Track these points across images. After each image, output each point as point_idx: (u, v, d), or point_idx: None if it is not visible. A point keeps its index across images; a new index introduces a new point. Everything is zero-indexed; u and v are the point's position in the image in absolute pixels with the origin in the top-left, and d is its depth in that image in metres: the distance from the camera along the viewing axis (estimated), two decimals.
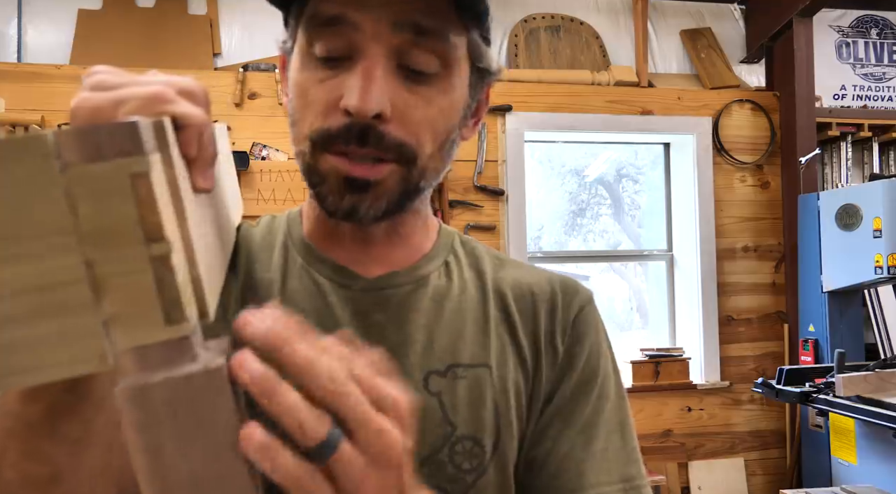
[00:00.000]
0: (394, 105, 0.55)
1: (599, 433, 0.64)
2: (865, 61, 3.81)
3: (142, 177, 0.30)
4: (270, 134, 3.02)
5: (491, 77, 0.64)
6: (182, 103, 0.39)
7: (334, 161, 0.56)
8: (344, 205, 0.57)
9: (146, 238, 0.30)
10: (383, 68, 0.54)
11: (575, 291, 0.69)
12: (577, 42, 3.43)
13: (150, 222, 0.30)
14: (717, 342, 3.41)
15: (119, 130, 0.30)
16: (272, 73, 3.04)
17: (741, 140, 3.49)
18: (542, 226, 3.77)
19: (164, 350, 0.32)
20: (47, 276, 0.29)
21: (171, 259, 0.30)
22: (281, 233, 0.68)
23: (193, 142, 0.39)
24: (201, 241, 0.37)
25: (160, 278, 0.30)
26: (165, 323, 0.31)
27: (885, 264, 2.78)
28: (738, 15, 3.67)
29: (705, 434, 3.38)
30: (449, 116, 0.59)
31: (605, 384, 0.66)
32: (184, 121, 0.38)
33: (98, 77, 0.41)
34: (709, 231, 3.42)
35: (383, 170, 0.56)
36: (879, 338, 3.24)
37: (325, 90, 0.56)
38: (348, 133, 0.54)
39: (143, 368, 0.32)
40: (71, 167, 0.29)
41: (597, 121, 3.35)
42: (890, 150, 3.67)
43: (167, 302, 0.31)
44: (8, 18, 2.97)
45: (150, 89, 0.39)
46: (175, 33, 3.04)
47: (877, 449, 2.60)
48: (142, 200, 0.30)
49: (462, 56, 0.59)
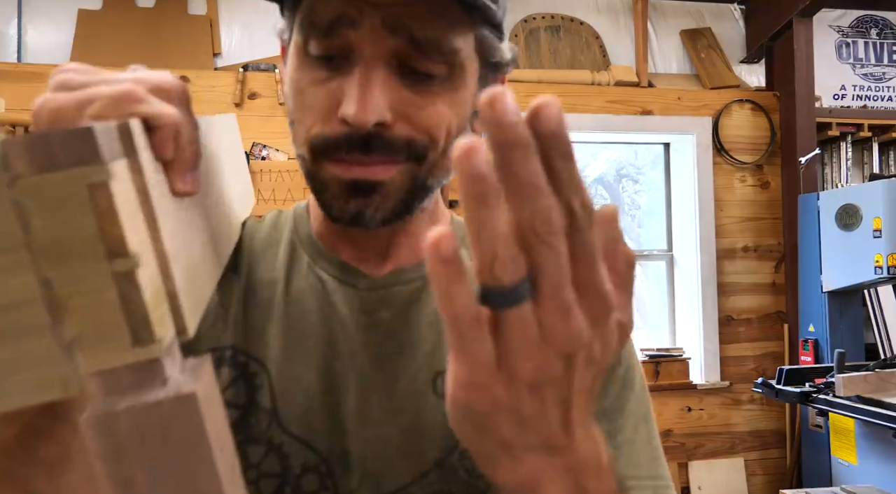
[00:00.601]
0: (396, 108, 0.52)
1: (625, 423, 0.60)
2: (865, 61, 3.81)
3: (101, 187, 0.27)
4: (270, 134, 3.02)
5: (505, 68, 0.61)
6: (154, 102, 0.36)
7: (336, 168, 0.53)
8: (349, 210, 0.54)
9: (108, 253, 0.28)
10: (382, 72, 0.51)
11: None
12: (577, 42, 3.43)
13: (112, 236, 0.27)
14: (717, 342, 3.41)
15: (73, 137, 0.27)
16: (272, 73, 3.04)
17: (741, 140, 3.49)
18: None
19: (133, 373, 0.29)
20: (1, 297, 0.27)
21: (137, 275, 0.28)
22: (287, 230, 0.66)
23: (168, 144, 0.36)
24: (183, 251, 0.35)
25: (125, 296, 0.28)
26: (133, 344, 0.28)
27: (885, 264, 2.78)
28: (738, 15, 3.67)
29: (705, 434, 3.38)
30: (458, 114, 0.56)
31: (630, 374, 0.63)
32: (156, 121, 0.35)
33: (63, 76, 0.38)
34: (709, 231, 3.42)
35: (391, 169, 0.53)
36: (879, 338, 3.24)
37: (323, 94, 0.53)
38: (349, 141, 0.52)
39: (111, 393, 0.30)
40: (21, 178, 0.27)
41: (597, 121, 3.35)
42: (890, 150, 3.67)
43: (134, 322, 0.28)
44: (8, 18, 2.97)
45: (117, 88, 0.35)
46: (175, 33, 3.04)
47: (877, 449, 2.60)
48: (101, 212, 0.27)
49: (469, 55, 0.55)
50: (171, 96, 0.38)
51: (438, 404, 0.58)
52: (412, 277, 0.62)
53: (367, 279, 0.62)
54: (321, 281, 0.62)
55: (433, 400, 0.58)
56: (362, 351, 0.59)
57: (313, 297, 0.61)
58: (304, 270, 0.62)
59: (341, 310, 0.60)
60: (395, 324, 0.60)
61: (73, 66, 0.38)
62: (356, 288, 0.61)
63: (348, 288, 0.61)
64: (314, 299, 0.61)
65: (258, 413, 0.57)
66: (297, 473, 0.56)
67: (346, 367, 0.58)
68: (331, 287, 0.61)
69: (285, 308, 0.60)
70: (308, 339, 0.59)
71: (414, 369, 0.59)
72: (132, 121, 0.32)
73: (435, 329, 0.61)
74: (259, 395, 0.57)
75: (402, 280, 0.62)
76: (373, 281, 0.61)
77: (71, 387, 0.28)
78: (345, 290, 0.61)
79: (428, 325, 0.61)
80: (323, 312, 0.60)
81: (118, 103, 0.35)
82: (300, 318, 0.60)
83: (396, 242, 0.62)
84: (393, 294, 0.61)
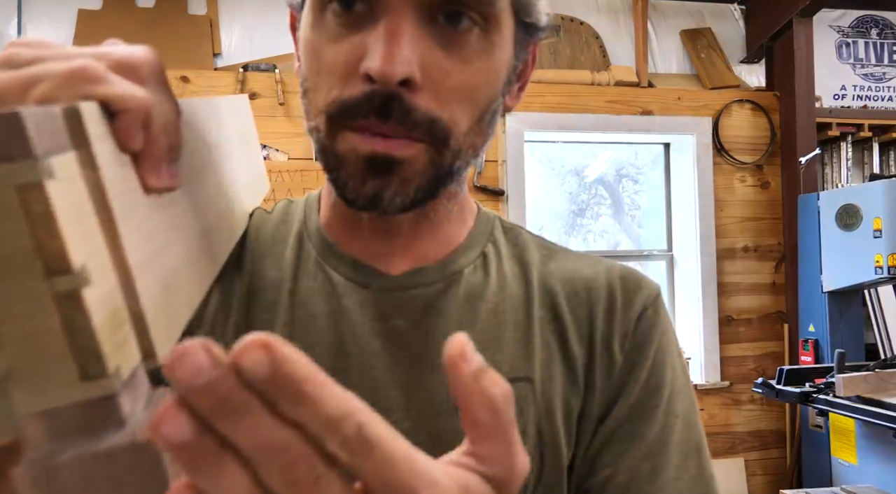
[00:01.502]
0: (424, 69, 0.45)
1: (670, 460, 0.53)
2: (865, 61, 3.81)
3: (33, 188, 0.22)
4: (270, 134, 3.02)
5: (540, 33, 0.54)
6: (116, 81, 0.30)
7: (354, 139, 0.47)
8: (366, 191, 0.47)
9: (46, 270, 0.22)
10: (412, 24, 0.45)
11: (637, 286, 0.58)
12: (577, 42, 3.43)
13: (51, 248, 0.22)
14: (717, 342, 3.41)
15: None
16: (272, 73, 3.04)
17: (741, 140, 3.49)
18: (542, 226, 3.76)
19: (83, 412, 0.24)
20: None
21: (84, 295, 0.23)
22: (297, 222, 0.59)
23: (134, 132, 0.30)
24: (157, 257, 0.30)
25: (69, 322, 0.23)
26: (81, 379, 0.23)
27: (885, 264, 2.78)
28: (738, 15, 3.67)
29: (705, 434, 3.38)
30: (491, 82, 0.50)
31: (674, 399, 0.56)
32: (118, 105, 0.29)
33: (11, 50, 0.31)
34: (709, 231, 3.42)
35: (411, 147, 0.47)
36: (879, 338, 3.24)
37: (343, 51, 0.46)
38: (369, 103, 0.45)
39: (55, 437, 0.24)
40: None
41: (597, 121, 3.35)
42: (890, 150, 3.67)
43: (81, 353, 0.23)
44: (8, 18, 2.97)
45: (70, 65, 0.29)
46: (175, 33, 3.04)
47: (877, 449, 2.60)
48: (36, 219, 0.22)
49: (505, 8, 0.49)
50: (141, 74, 0.32)
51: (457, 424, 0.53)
52: (433, 279, 0.56)
53: (382, 278, 0.55)
54: (331, 282, 0.56)
55: (453, 421, 0.51)
56: (375, 363, 0.53)
57: (322, 300, 0.55)
58: (312, 268, 0.56)
59: (352, 316, 0.54)
60: (411, 334, 0.54)
61: (23, 40, 0.32)
62: (369, 290, 0.55)
63: (360, 290, 0.55)
64: (322, 302, 0.55)
65: None
66: None
67: (356, 381, 0.52)
68: (341, 288, 0.55)
69: (291, 311, 0.55)
70: (314, 347, 0.53)
71: (432, 386, 0.52)
72: (83, 105, 0.26)
73: None
74: None
75: (421, 281, 0.55)
76: (388, 280, 0.55)
77: (5, 432, 0.23)
78: (357, 292, 0.55)
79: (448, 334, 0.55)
80: (332, 317, 0.54)
81: (71, 83, 0.29)
82: (306, 324, 0.54)
83: (419, 233, 0.56)
84: (410, 298, 0.55)
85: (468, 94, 0.48)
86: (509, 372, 0.53)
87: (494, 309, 0.56)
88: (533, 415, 0.53)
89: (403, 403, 0.52)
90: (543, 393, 0.54)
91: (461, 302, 0.55)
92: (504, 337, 0.55)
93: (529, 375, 0.54)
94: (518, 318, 0.56)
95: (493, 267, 0.58)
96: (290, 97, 3.02)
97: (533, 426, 0.53)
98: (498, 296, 0.56)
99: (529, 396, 0.53)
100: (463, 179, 0.56)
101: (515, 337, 0.55)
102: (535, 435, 0.53)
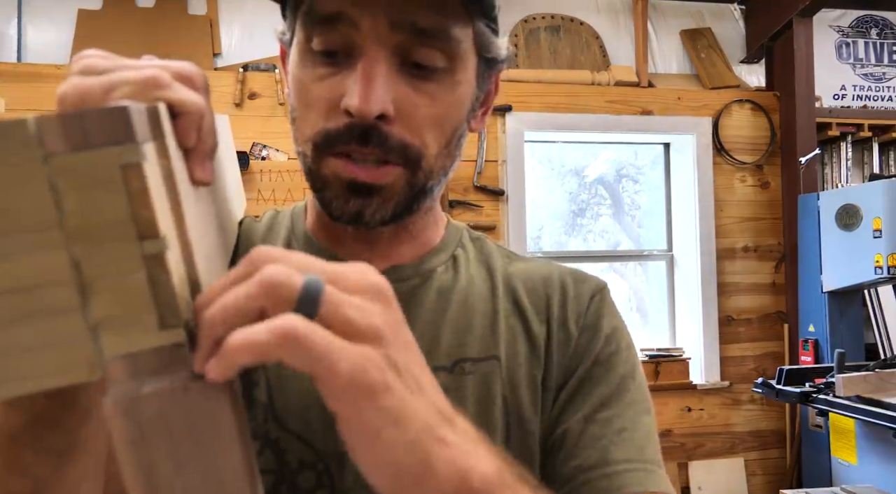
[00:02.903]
0: (397, 104, 0.53)
1: (625, 410, 0.59)
2: (865, 61, 3.81)
3: (133, 167, 0.27)
4: (270, 134, 3.02)
5: (500, 65, 0.62)
6: (179, 88, 0.36)
7: (336, 164, 0.54)
8: (350, 209, 0.55)
9: (139, 234, 0.27)
10: (385, 66, 0.52)
11: (585, 280, 0.66)
12: (577, 42, 3.43)
13: (143, 217, 0.27)
14: (717, 342, 3.41)
15: (108, 116, 0.27)
16: (272, 73, 3.04)
17: (741, 140, 3.49)
18: (542, 226, 3.76)
19: (157, 357, 0.29)
20: (29, 277, 0.27)
21: (167, 257, 0.28)
22: (284, 229, 0.66)
23: (192, 131, 0.36)
24: (201, 240, 0.35)
25: (154, 279, 0.27)
26: (159, 327, 0.28)
27: (885, 264, 2.78)
28: (738, 15, 3.67)
29: (705, 434, 3.38)
30: (455, 112, 0.57)
31: (630, 364, 0.62)
32: (181, 108, 0.35)
33: (87, 61, 0.37)
34: (709, 231, 3.42)
35: (388, 173, 0.54)
36: (879, 338, 3.24)
37: (326, 89, 0.54)
38: (349, 133, 0.53)
39: (134, 377, 0.29)
40: (55, 156, 0.26)
41: (597, 121, 3.35)
42: (890, 150, 3.67)
43: (162, 305, 0.28)
44: (8, 18, 2.97)
45: (143, 73, 0.35)
46: (175, 33, 3.04)
47: (877, 449, 2.60)
48: (133, 193, 0.27)
49: (468, 48, 0.57)
50: (195, 84, 0.38)
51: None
52: (409, 274, 0.62)
53: None
54: None
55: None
56: None
57: None
58: None
59: None
60: None
61: (94, 52, 0.38)
62: None
63: None
64: None
65: (254, 409, 0.56)
66: (294, 469, 0.55)
67: None
68: None
69: None
70: None
71: None
72: (160, 105, 0.31)
73: (431, 326, 0.60)
74: (255, 391, 0.57)
75: (399, 277, 0.61)
76: None
77: (95, 370, 0.28)
78: None
79: (425, 323, 0.60)
80: None
81: (145, 88, 0.35)
82: None
83: (397, 241, 0.62)
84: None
85: (436, 124, 0.55)
86: (479, 352, 0.60)
87: (464, 300, 0.63)
88: (499, 389, 0.60)
89: None
90: (508, 369, 0.60)
91: (435, 294, 0.62)
92: (473, 323, 0.61)
93: (496, 354, 0.61)
94: (485, 308, 0.63)
95: (462, 267, 0.65)
96: None
97: (500, 398, 0.59)
98: (467, 291, 0.63)
99: (497, 372, 0.60)
100: (436, 195, 0.63)
101: (483, 323, 0.62)
102: (502, 405, 0.59)
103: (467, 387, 0.59)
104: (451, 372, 0.59)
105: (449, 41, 0.54)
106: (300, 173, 0.58)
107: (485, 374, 0.60)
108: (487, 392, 0.59)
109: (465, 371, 0.59)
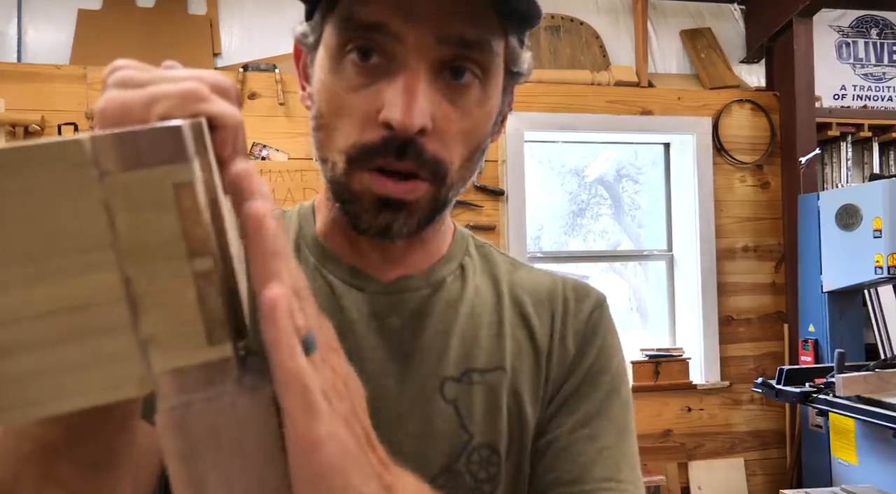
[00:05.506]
0: (434, 118, 0.52)
1: (609, 429, 0.61)
2: (865, 61, 3.81)
3: (186, 186, 0.27)
4: (270, 134, 3.02)
5: (521, 78, 0.62)
6: (217, 101, 0.36)
7: (370, 180, 0.53)
8: (378, 224, 0.54)
9: (189, 252, 0.27)
10: (425, 79, 0.52)
11: (587, 294, 0.68)
12: (577, 42, 3.43)
13: (195, 235, 0.27)
14: (717, 342, 3.41)
15: (162, 135, 0.27)
16: (272, 73, 3.04)
17: (741, 140, 3.49)
18: (541, 226, 3.76)
19: (205, 372, 0.29)
20: (81, 296, 0.27)
21: (215, 274, 0.28)
22: (292, 232, 0.65)
23: (229, 145, 0.36)
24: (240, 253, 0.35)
25: (203, 295, 0.28)
26: (207, 343, 0.28)
27: (885, 264, 2.78)
28: (738, 15, 3.67)
29: (705, 434, 3.38)
30: (483, 126, 0.57)
31: (616, 383, 0.64)
32: (220, 121, 0.35)
33: (124, 73, 0.36)
34: (709, 231, 3.42)
35: (418, 189, 0.54)
36: (879, 338, 3.24)
37: (362, 99, 0.53)
38: (386, 147, 0.52)
39: (182, 392, 0.29)
40: (109, 175, 0.26)
41: (597, 121, 3.35)
42: (890, 150, 3.67)
43: (210, 321, 0.28)
44: (8, 18, 2.97)
45: (183, 87, 0.35)
46: (175, 33, 3.04)
47: (877, 449, 2.60)
48: (185, 212, 0.27)
49: (500, 62, 0.57)
50: (230, 96, 0.38)
51: (446, 410, 0.59)
52: (419, 285, 0.63)
53: (376, 283, 0.62)
54: (329, 285, 0.61)
55: (441, 405, 0.59)
56: (371, 355, 0.59)
57: (321, 299, 0.60)
58: (311, 272, 0.62)
59: (350, 314, 0.60)
60: (404, 331, 0.61)
61: (128, 63, 0.38)
62: (364, 292, 0.61)
63: (357, 292, 0.61)
64: (322, 301, 0.60)
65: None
66: None
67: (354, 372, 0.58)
68: (339, 290, 0.61)
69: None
70: None
71: (422, 375, 0.59)
72: (202, 120, 0.32)
73: (442, 336, 0.61)
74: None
75: (410, 287, 0.62)
76: (382, 285, 0.62)
77: (145, 386, 0.28)
78: (353, 294, 0.61)
79: (435, 333, 0.61)
80: (332, 315, 0.59)
81: (185, 101, 0.34)
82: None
83: (410, 250, 0.63)
84: (402, 301, 0.62)
85: (465, 138, 0.56)
86: (486, 363, 0.61)
87: (471, 311, 0.64)
88: (505, 399, 0.61)
89: (395, 391, 0.59)
90: (513, 380, 0.62)
91: (444, 305, 0.63)
92: (480, 335, 0.63)
93: (502, 365, 0.62)
94: (491, 319, 0.64)
95: (469, 276, 0.66)
96: (290, 97, 3.02)
97: (505, 408, 0.61)
98: (474, 301, 0.65)
99: (503, 383, 0.61)
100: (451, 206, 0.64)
101: (490, 334, 0.63)
102: (507, 414, 0.61)
103: (475, 397, 0.60)
104: (459, 382, 0.60)
105: (490, 53, 0.54)
106: (300, 173, 0.58)
107: (492, 385, 0.61)
108: (494, 402, 0.60)
109: (474, 381, 0.60)
